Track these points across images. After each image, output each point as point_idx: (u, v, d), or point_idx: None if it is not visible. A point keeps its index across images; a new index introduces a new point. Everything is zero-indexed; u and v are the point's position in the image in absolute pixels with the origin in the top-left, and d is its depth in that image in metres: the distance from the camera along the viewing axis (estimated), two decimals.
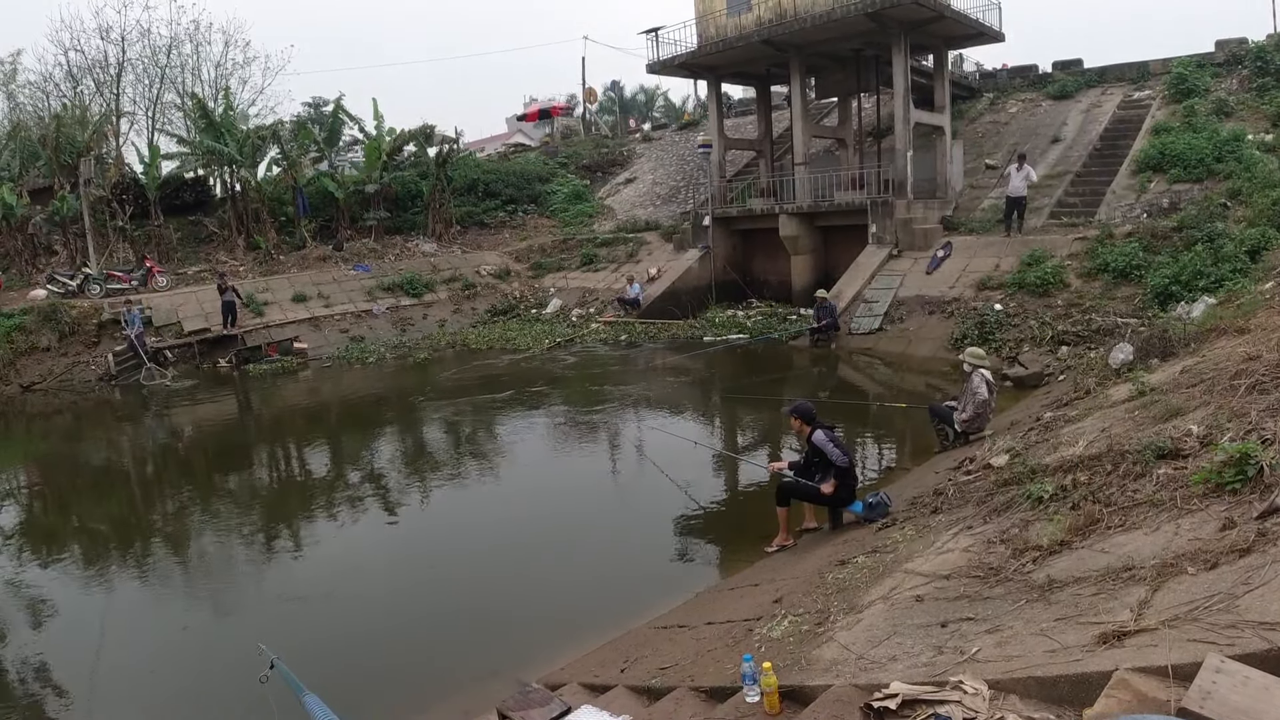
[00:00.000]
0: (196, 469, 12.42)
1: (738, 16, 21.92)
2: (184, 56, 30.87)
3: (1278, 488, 3.80)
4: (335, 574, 7.80)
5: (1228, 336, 8.51)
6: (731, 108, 31.99)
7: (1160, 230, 15.39)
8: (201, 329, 20.20)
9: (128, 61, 29.74)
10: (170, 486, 11.64)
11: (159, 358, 19.15)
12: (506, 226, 29.50)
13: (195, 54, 31.17)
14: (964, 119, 24.44)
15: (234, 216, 26.30)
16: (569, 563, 7.83)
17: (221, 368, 19.45)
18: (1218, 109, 19.48)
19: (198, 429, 14.78)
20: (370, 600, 7.19)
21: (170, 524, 9.81)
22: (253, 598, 7.62)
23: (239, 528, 9.35)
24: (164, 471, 12.51)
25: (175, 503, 10.77)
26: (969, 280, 16.49)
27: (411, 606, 7.05)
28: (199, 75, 31.26)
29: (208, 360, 19.81)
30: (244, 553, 8.68)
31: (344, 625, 6.75)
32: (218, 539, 9.08)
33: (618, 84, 56.75)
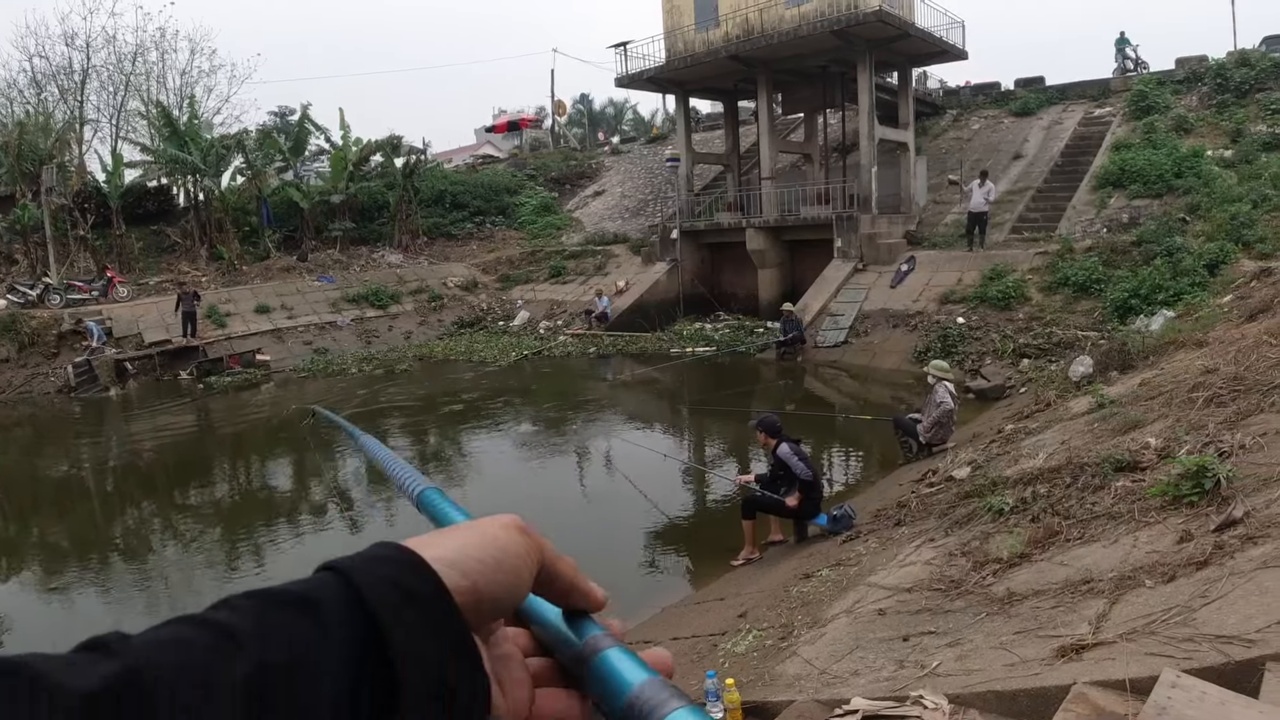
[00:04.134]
0: (149, 483, 12.13)
1: (706, 32, 22.08)
2: (149, 64, 30.41)
3: (1235, 500, 3.86)
4: None
5: (1186, 349, 8.67)
6: (700, 122, 32.19)
7: (1120, 245, 15.67)
8: (162, 340, 19.79)
9: (92, 68, 29.25)
10: (123, 501, 11.36)
11: (120, 369, 18.78)
12: (474, 238, 29.35)
13: (161, 62, 30.73)
14: (928, 135, 24.80)
15: (197, 226, 25.90)
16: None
17: (183, 380, 19.05)
18: (1177, 126, 19.88)
19: (154, 443, 14.46)
20: None
21: (123, 539, 9.56)
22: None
23: (195, 544, 9.13)
24: (117, 486, 12.20)
25: (127, 517, 10.50)
26: (932, 294, 16.68)
27: None
28: (164, 83, 30.81)
29: (169, 372, 19.39)
30: (202, 571, 8.47)
31: None
32: (171, 555, 8.86)
33: (587, 97, 56.98)
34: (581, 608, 0.55)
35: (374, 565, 0.43)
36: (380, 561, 0.44)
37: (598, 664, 0.49)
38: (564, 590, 0.53)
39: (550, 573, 0.52)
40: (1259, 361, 6.13)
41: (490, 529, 0.50)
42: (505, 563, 0.48)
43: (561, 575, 0.53)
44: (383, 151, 28.98)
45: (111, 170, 25.50)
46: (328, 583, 0.42)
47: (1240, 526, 3.59)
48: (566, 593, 0.54)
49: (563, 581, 0.53)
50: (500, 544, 0.49)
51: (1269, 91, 19.83)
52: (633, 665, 0.48)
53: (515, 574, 0.49)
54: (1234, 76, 20.69)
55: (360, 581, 0.41)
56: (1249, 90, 20.22)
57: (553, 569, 0.52)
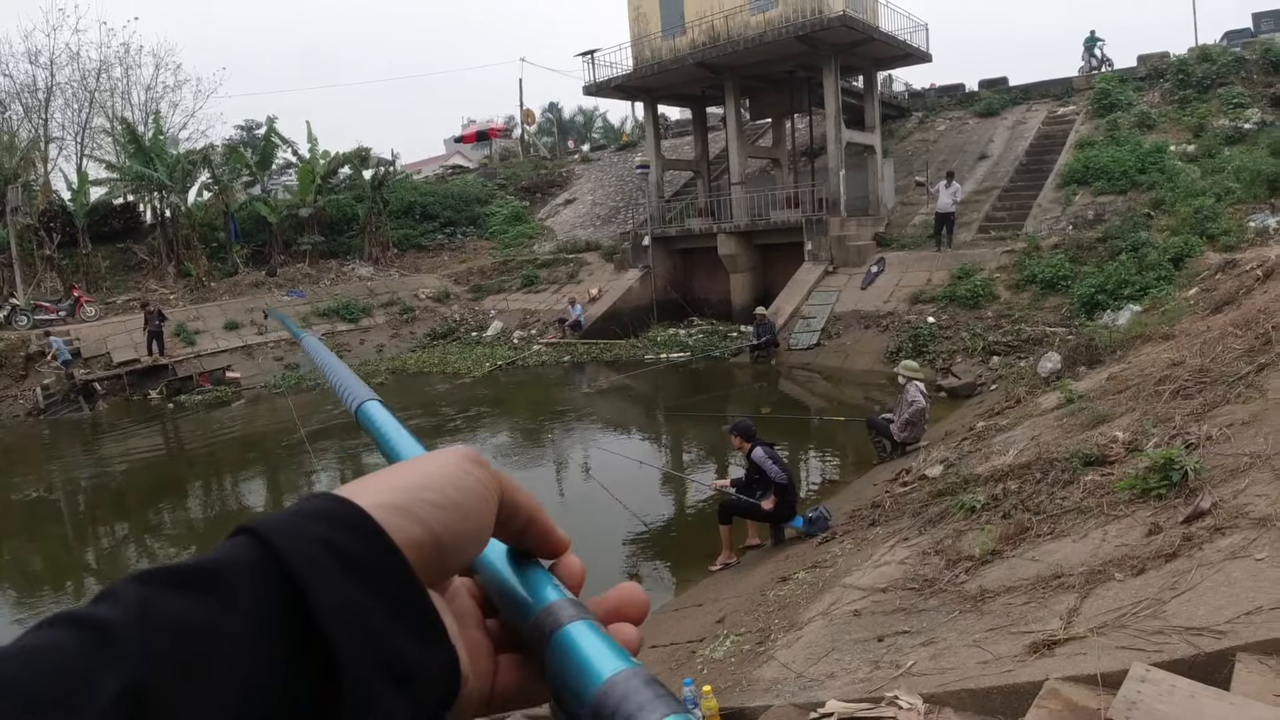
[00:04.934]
0: (120, 506, 11.90)
1: (672, 39, 22.15)
2: (114, 80, 29.90)
3: (1202, 492, 3.89)
4: None
5: (1153, 343, 8.77)
6: (669, 129, 32.27)
7: (1085, 241, 15.87)
8: (131, 360, 19.48)
9: (56, 86, 28.72)
10: (94, 524, 11.14)
11: (89, 390, 18.47)
12: (445, 249, 29.20)
13: (125, 78, 30.22)
14: (894, 138, 25.03)
15: (164, 243, 25.54)
16: None
17: (152, 399, 18.77)
18: (1140, 122, 20.16)
19: (125, 464, 14.19)
20: None
21: (95, 563, 9.37)
22: None
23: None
24: (88, 509, 11.96)
25: (99, 541, 10.30)
26: (902, 294, 16.81)
27: None
28: (129, 99, 30.31)
29: (138, 392, 19.12)
30: None
31: None
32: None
33: (556, 105, 57.03)
34: (537, 550, 0.47)
35: (300, 522, 0.35)
36: (309, 517, 0.36)
37: (558, 643, 0.40)
38: (520, 527, 0.46)
39: (510, 507, 0.45)
40: (1224, 353, 6.21)
41: (444, 464, 0.42)
42: (466, 505, 0.41)
43: (521, 509, 0.46)
44: (351, 164, 28.76)
45: (77, 188, 25.13)
46: (240, 550, 0.34)
47: (1208, 518, 3.62)
48: (522, 530, 0.46)
49: (521, 516, 0.46)
50: (458, 482, 0.41)
51: (1230, 86, 20.14)
52: (605, 650, 0.38)
53: (479, 517, 0.42)
54: (1196, 72, 20.98)
55: (281, 544, 0.33)
56: (1211, 85, 20.52)
57: (512, 502, 0.45)
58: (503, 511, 0.44)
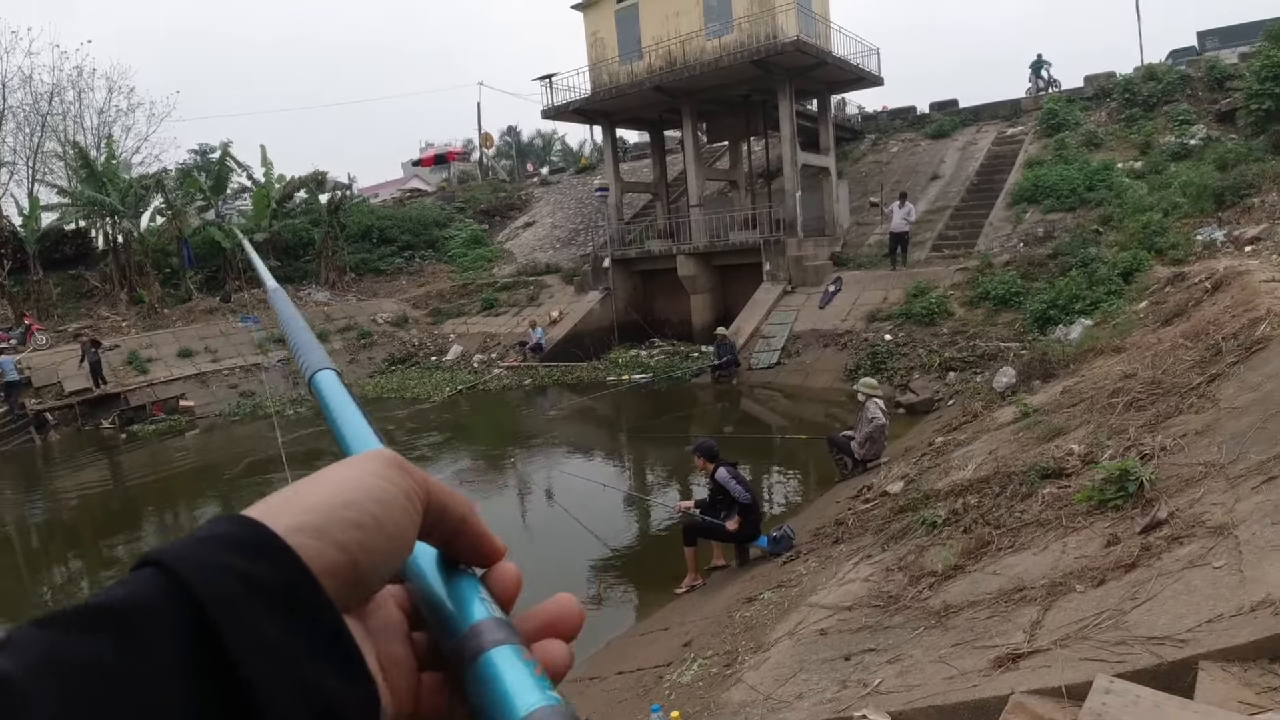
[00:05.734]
0: (73, 539, 11.49)
1: (630, 64, 22.32)
2: (66, 104, 29.31)
3: (1159, 502, 3.95)
4: None
5: (1105, 356, 8.94)
6: (627, 151, 32.45)
7: (1037, 258, 16.20)
8: (83, 389, 18.99)
9: (8, 110, 28.07)
10: (46, 558, 10.74)
11: (40, 420, 17.93)
12: (403, 273, 28.95)
13: (78, 101, 29.62)
14: (848, 159, 25.43)
15: (116, 269, 25.04)
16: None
17: (105, 429, 18.29)
18: (1088, 141, 20.69)
19: (78, 496, 13.74)
20: None
21: (49, 598, 9.01)
22: None
23: None
24: (41, 542, 11.53)
25: (52, 575, 9.92)
26: (860, 313, 17.00)
27: None
28: (81, 123, 29.71)
29: (90, 422, 18.63)
30: None
31: None
32: None
33: (514, 129, 57.08)
34: (468, 558, 0.43)
35: (210, 551, 0.32)
36: (219, 545, 0.33)
37: (479, 670, 0.36)
38: (450, 531, 0.42)
39: (437, 511, 0.41)
40: (1175, 365, 6.35)
41: (364, 475, 0.39)
42: (387, 520, 0.38)
43: (450, 512, 0.42)
44: (307, 188, 28.46)
45: (28, 214, 24.60)
46: (147, 585, 0.31)
47: (1165, 527, 3.67)
48: (453, 534, 0.43)
49: (450, 520, 0.42)
50: (380, 494, 0.38)
51: (1176, 103, 20.74)
52: (526, 682, 0.35)
53: (400, 533, 0.38)
54: (1141, 91, 21.59)
55: (192, 577, 0.31)
56: (1156, 103, 21.13)
57: (440, 506, 0.41)
58: (430, 516, 0.41)
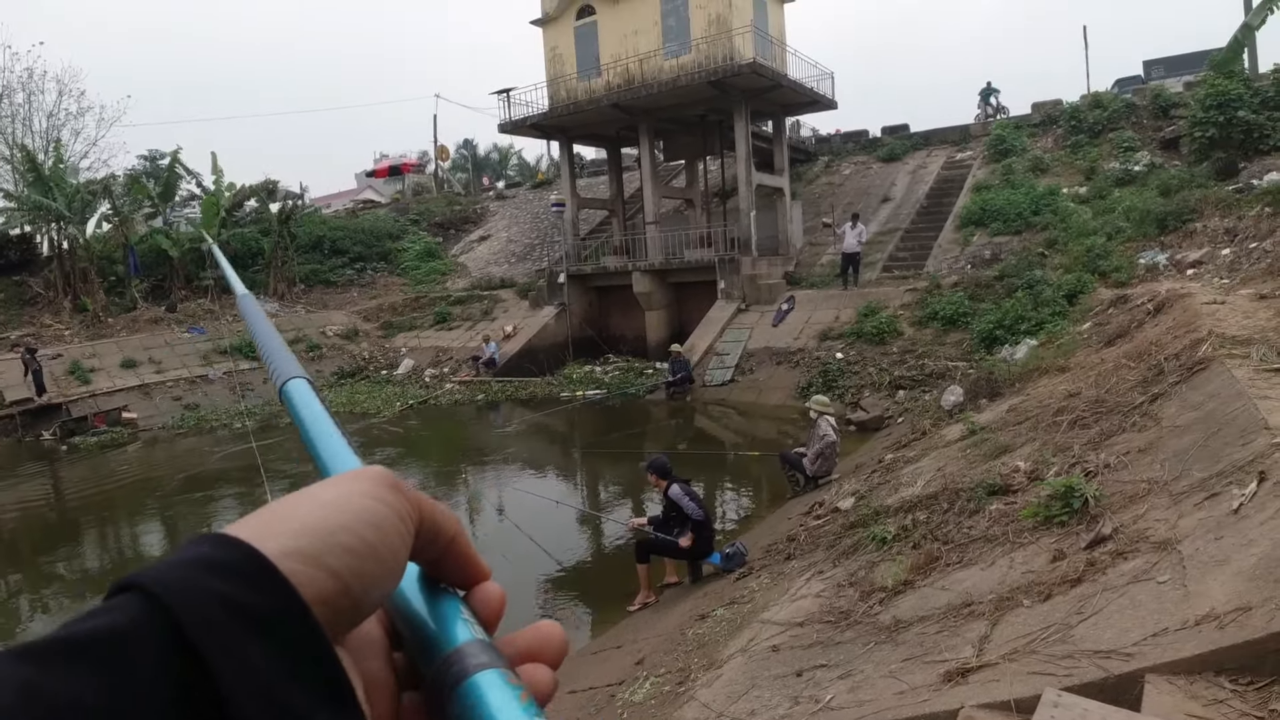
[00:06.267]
0: (10, 552, 11.03)
1: (588, 81, 22.40)
2: (15, 106, 28.40)
3: (1103, 518, 4.01)
4: None
5: (1050, 375, 9.12)
6: (584, 168, 32.53)
7: (984, 280, 16.55)
8: (24, 399, 18.31)
9: None
10: None
11: None
12: (355, 285, 28.54)
13: (28, 103, 28.73)
14: (802, 180, 25.79)
15: (60, 276, 24.34)
16: None
17: (45, 440, 17.64)
18: (1034, 166, 21.27)
19: (17, 509, 13.17)
20: None
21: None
22: None
23: (60, 617, 8.31)
24: None
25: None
26: (812, 331, 17.19)
27: None
28: (30, 126, 28.80)
29: (31, 432, 17.97)
30: None
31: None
32: (38, 630, 8.02)
33: (471, 142, 56.77)
34: (453, 579, 0.42)
35: (196, 576, 0.30)
36: (205, 569, 0.31)
37: (463, 695, 0.34)
38: (439, 552, 0.41)
39: (429, 532, 0.40)
40: (1119, 384, 6.50)
41: (357, 496, 0.37)
42: (382, 545, 0.36)
43: (441, 532, 0.41)
44: (257, 197, 27.98)
45: None
46: (130, 612, 0.29)
47: (1110, 543, 3.73)
48: (441, 555, 0.41)
49: (441, 541, 0.41)
50: (374, 517, 0.36)
51: (1121, 130, 21.43)
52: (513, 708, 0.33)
53: (394, 558, 0.37)
54: (1087, 118, 22.26)
55: (176, 604, 0.29)
56: (1101, 130, 21.82)
57: (432, 526, 0.40)
58: (421, 538, 0.39)
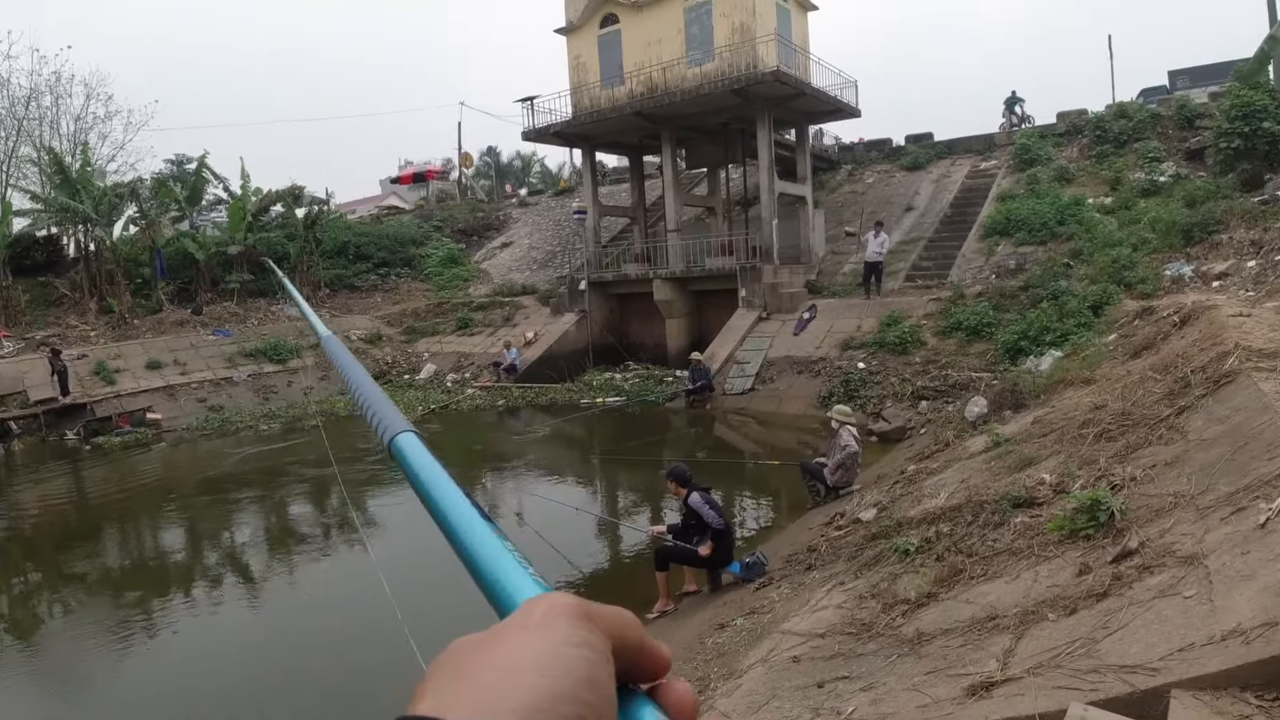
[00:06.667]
0: (32, 551, 11.17)
1: (611, 89, 22.49)
2: (43, 109, 28.94)
3: (1129, 532, 3.97)
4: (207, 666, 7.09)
5: (1075, 387, 9.04)
6: (606, 175, 32.60)
7: (1008, 290, 16.42)
8: (49, 398, 18.63)
9: None
10: (2, 569, 10.44)
11: (3, 428, 17.54)
12: (378, 290, 28.78)
13: (55, 107, 29.24)
14: (825, 189, 25.73)
15: (87, 278, 24.68)
16: (441, 641, 7.39)
17: (69, 440, 17.93)
18: (1059, 176, 21.07)
19: (39, 508, 13.38)
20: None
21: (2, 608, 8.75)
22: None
23: (79, 619, 8.42)
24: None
25: (10, 588, 9.64)
26: (833, 341, 17.12)
27: (272, 683, 6.47)
28: (58, 129, 29.31)
29: (55, 432, 18.27)
30: (91, 650, 7.79)
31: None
32: (55, 629, 8.14)
33: (494, 150, 57.07)
34: (638, 676, 0.39)
35: None
36: None
37: None
38: (627, 662, 0.38)
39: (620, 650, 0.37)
40: (1145, 396, 6.43)
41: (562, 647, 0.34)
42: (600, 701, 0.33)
43: (630, 643, 0.38)
44: (284, 201, 28.28)
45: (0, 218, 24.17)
46: None
47: (1136, 557, 3.69)
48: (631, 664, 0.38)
49: (629, 653, 0.38)
50: (587, 673, 0.33)
51: (1146, 141, 21.20)
52: None
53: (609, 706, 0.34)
54: (1113, 128, 22.06)
55: None
56: (1127, 140, 21.61)
57: (623, 643, 0.37)
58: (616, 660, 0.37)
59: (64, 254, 27.25)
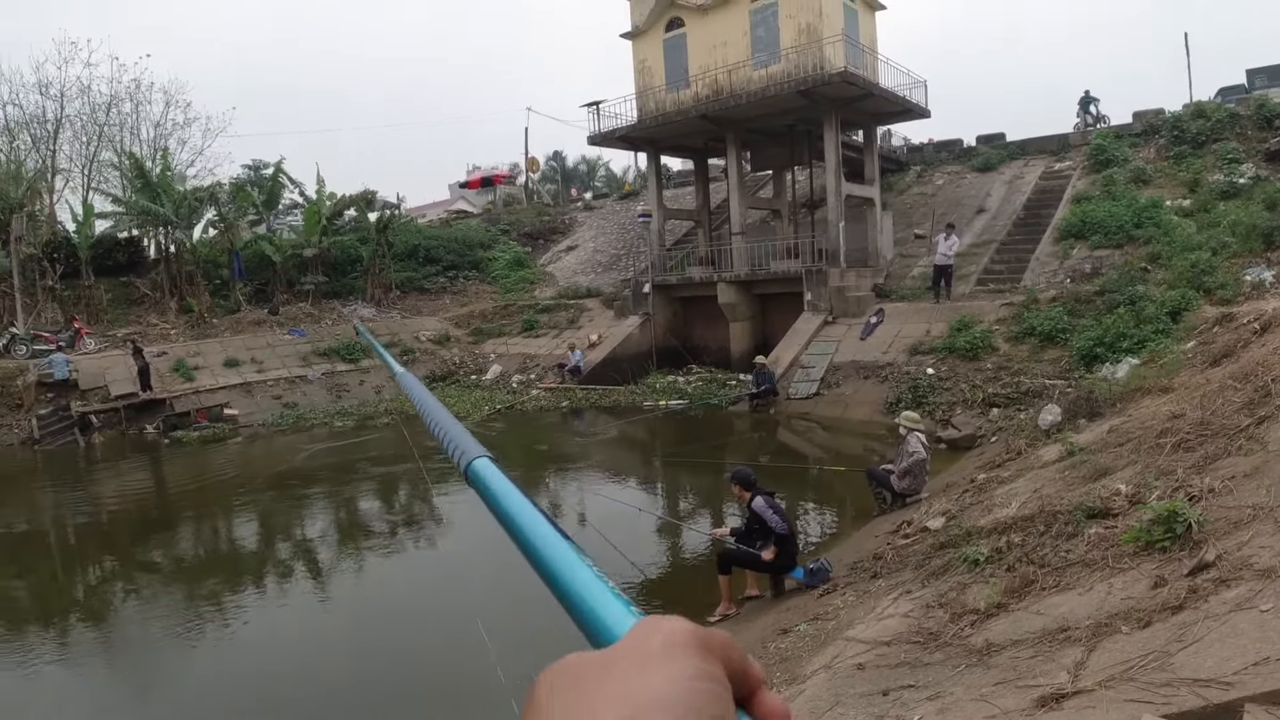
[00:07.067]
0: (110, 540, 11.77)
1: (677, 92, 22.57)
2: (123, 115, 30.36)
3: (1206, 544, 3.88)
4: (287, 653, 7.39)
5: (1152, 396, 8.79)
6: (671, 178, 32.70)
7: (1083, 294, 15.99)
8: (129, 393, 19.50)
9: (66, 118, 29.15)
10: (82, 558, 11.01)
11: (85, 422, 18.46)
12: (447, 292, 29.41)
13: (135, 113, 30.68)
14: (893, 191, 25.36)
15: (167, 278, 25.81)
16: (507, 634, 7.55)
17: (148, 434, 18.77)
18: (1136, 177, 20.42)
19: (118, 499, 14.07)
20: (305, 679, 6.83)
21: (82, 597, 9.24)
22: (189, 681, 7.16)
23: (153, 604, 8.84)
24: (77, 541, 11.83)
25: (86, 575, 10.16)
26: (901, 345, 16.88)
27: (357, 675, 6.71)
28: (137, 134, 30.73)
29: (135, 426, 19.13)
30: (160, 635, 8.18)
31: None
32: (129, 614, 8.57)
33: (560, 154, 57.66)
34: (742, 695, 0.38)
35: None
36: None
37: None
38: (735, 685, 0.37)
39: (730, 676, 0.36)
40: (1224, 406, 6.23)
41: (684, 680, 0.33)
42: None
43: (735, 669, 0.37)
44: (357, 206, 29.09)
45: (82, 220, 25.46)
46: None
47: (1213, 570, 3.61)
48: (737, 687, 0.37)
49: (737, 675, 0.37)
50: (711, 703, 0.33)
51: (1225, 141, 20.42)
52: None
53: None
54: (1190, 128, 21.26)
55: None
56: (1205, 141, 20.81)
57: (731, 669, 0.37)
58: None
59: (145, 255, 28.47)
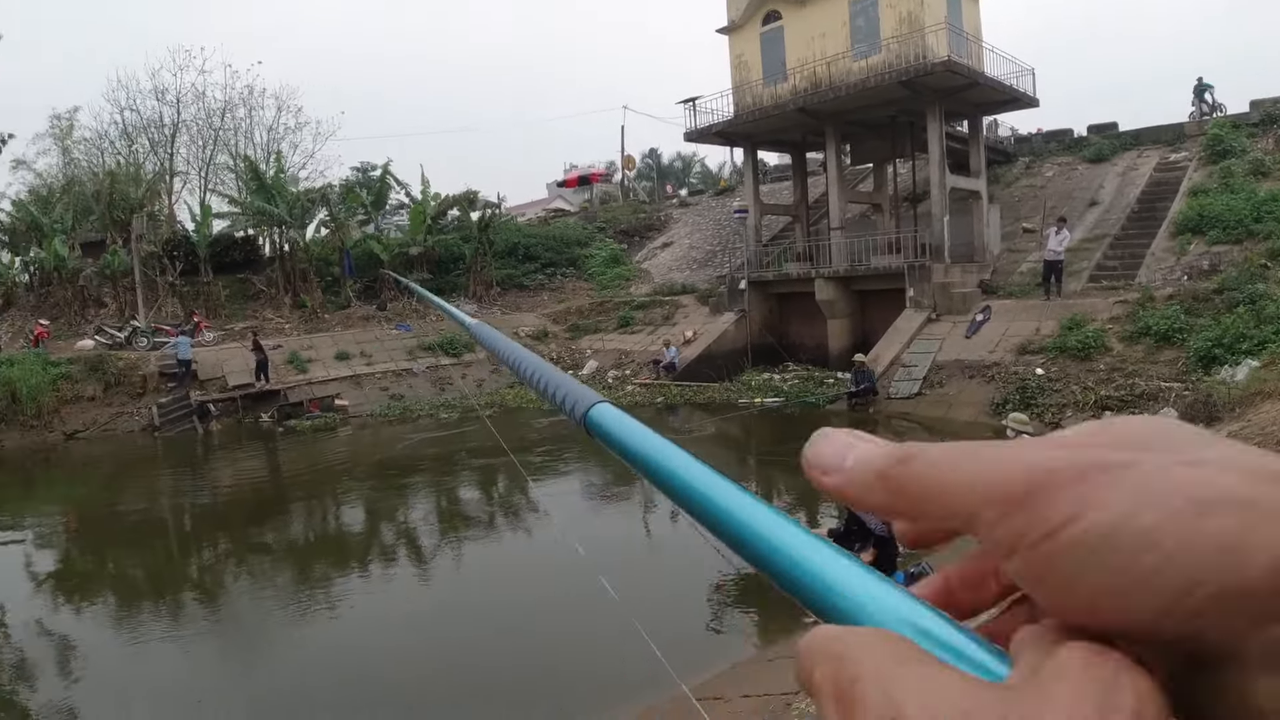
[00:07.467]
0: (225, 522, 12.52)
1: (774, 86, 22.39)
2: (237, 120, 32.14)
3: None
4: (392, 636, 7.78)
5: (1274, 400, 8.33)
6: (767, 174, 32.43)
7: (1201, 292, 15.18)
8: (245, 384, 20.71)
9: (182, 123, 31.04)
10: (198, 538, 11.80)
11: (204, 410, 19.69)
12: (545, 289, 29.99)
13: (248, 118, 32.45)
14: (1000, 183, 24.49)
15: (281, 275, 27.19)
16: (598, 625, 7.71)
17: (264, 422, 19.88)
18: (1255, 169, 19.30)
19: (234, 482, 14.99)
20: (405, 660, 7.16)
21: (196, 575, 9.91)
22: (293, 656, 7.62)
23: (266, 582, 9.40)
24: (194, 523, 12.67)
25: (201, 555, 10.88)
26: (1009, 344, 16.33)
27: (448, 663, 7.01)
28: (251, 138, 32.48)
29: (251, 414, 20.28)
30: (272, 610, 8.69)
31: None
32: (241, 592, 9.13)
33: (655, 151, 58.05)
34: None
35: None
36: None
37: None
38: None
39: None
40: None
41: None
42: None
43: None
44: (459, 206, 29.97)
45: (200, 220, 27.08)
46: None
47: None
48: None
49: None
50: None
51: None
52: None
53: None
54: None
55: None
56: None
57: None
58: None
59: (260, 253, 30.11)
